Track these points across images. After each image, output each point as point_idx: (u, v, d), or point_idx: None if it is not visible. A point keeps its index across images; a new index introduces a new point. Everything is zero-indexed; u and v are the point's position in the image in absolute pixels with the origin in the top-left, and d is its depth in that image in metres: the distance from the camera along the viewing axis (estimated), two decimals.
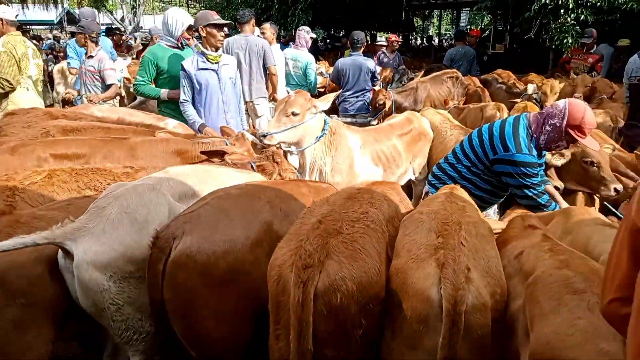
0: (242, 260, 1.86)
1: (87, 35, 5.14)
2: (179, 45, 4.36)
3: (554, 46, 8.01)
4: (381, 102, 6.20)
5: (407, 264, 1.65)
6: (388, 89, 6.71)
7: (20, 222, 2.03)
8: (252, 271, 1.89)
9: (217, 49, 3.98)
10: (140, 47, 9.96)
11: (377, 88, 6.56)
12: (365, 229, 1.78)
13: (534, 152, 2.92)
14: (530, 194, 2.92)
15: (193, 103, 4.06)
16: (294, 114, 3.36)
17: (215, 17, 3.97)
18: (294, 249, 1.60)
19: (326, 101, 3.49)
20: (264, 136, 3.28)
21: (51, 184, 2.58)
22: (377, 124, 6.29)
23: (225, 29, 4.06)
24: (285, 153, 3.31)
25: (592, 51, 7.81)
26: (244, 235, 1.90)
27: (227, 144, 3.35)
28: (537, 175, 2.92)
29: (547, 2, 7.49)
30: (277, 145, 3.28)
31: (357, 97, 6.32)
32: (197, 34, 4.12)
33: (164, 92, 4.28)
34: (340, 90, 6.12)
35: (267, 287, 1.64)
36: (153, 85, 4.31)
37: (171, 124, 4.00)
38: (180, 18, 4.29)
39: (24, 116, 3.65)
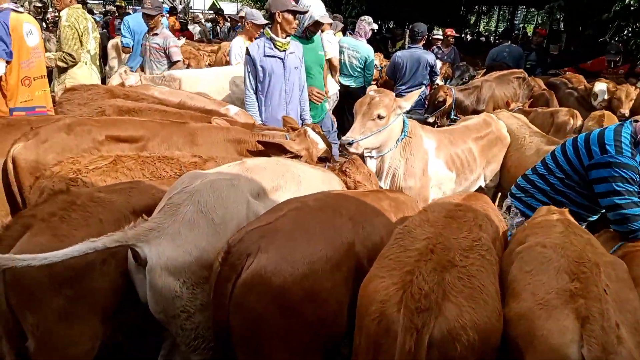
0: (320, 286, 1.62)
1: (158, 14, 5.03)
2: (305, 35, 4.17)
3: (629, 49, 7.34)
4: (441, 99, 5.81)
5: (534, 310, 1.43)
6: (449, 86, 6.27)
7: (76, 204, 1.86)
8: (329, 299, 1.65)
9: (287, 35, 3.72)
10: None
11: (438, 83, 6.13)
12: (481, 260, 1.57)
13: (638, 159, 2.53)
14: (620, 202, 2.48)
15: (255, 91, 3.83)
16: (379, 116, 3.02)
17: (293, 4, 3.71)
18: (402, 284, 1.38)
19: (410, 100, 3.18)
20: (350, 144, 2.95)
21: (115, 170, 2.41)
22: (434, 122, 5.96)
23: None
24: (363, 158, 3.01)
25: None
26: (325, 256, 1.65)
27: (287, 139, 3.10)
28: (636, 184, 2.51)
29: (631, 2, 6.82)
30: (361, 153, 2.99)
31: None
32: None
33: None
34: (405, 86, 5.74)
35: (350, 318, 1.52)
36: None
37: (232, 110, 3.79)
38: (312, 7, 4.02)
39: (85, 93, 3.53)
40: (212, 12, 17.58)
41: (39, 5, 9.79)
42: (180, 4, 18.01)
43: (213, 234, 1.78)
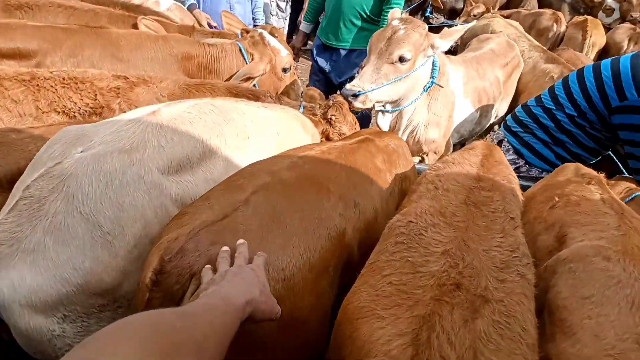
0: (299, 306, 1.15)
1: None
2: None
3: None
4: None
5: None
6: None
7: None
8: (310, 319, 1.19)
9: None
10: None
11: None
12: (521, 283, 1.09)
13: None
14: None
15: None
16: (402, 59, 2.12)
17: None
18: (413, 340, 0.90)
19: (450, 38, 2.23)
20: (355, 96, 2.10)
21: None
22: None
23: None
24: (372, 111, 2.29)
25: None
26: (307, 264, 1.17)
27: (241, 51, 2.24)
28: None
29: None
30: (371, 108, 2.20)
31: None
32: None
33: None
34: None
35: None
36: None
37: (164, 3, 2.83)
38: None
39: None
40: None
41: None
42: None
43: (102, 247, 1.14)
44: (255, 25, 2.83)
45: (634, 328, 1.03)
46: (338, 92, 2.24)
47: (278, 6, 5.18)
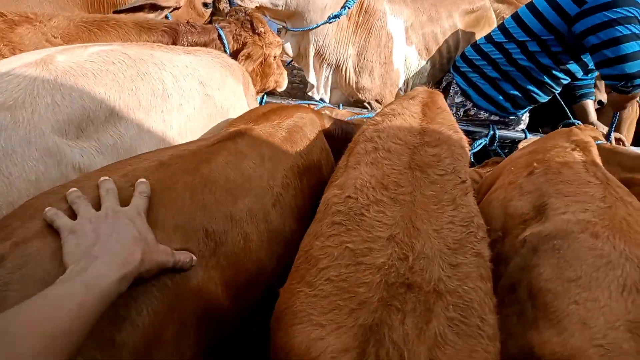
0: None
1: None
2: None
3: None
4: None
5: (590, 355, 0.89)
6: None
7: None
8: None
9: None
10: None
11: None
12: (476, 263, 0.95)
13: None
14: (627, 50, 2.10)
15: None
16: None
17: None
18: (356, 352, 0.76)
19: None
20: None
21: None
22: None
23: None
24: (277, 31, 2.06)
25: None
26: None
27: None
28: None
29: None
30: (253, 9, 1.99)
31: None
32: None
33: None
34: None
35: None
36: None
37: None
38: None
39: None
40: None
41: None
42: None
43: None
44: None
45: (626, 314, 0.92)
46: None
47: None
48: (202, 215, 0.95)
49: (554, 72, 2.42)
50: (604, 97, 2.90)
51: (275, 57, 2.04)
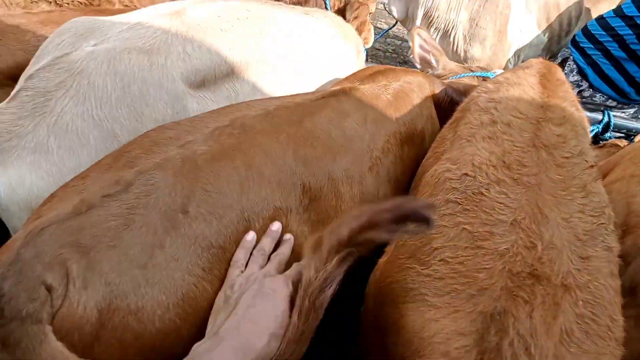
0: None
1: None
2: None
3: None
4: None
5: None
6: None
7: None
8: None
9: None
10: None
11: None
12: (607, 259, 0.87)
13: None
14: None
15: None
16: None
17: None
18: (476, 337, 0.74)
19: None
20: None
21: None
22: None
23: None
24: None
25: None
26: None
27: None
28: None
29: None
30: None
31: None
32: None
33: None
34: None
35: None
36: None
37: None
38: None
39: None
40: None
41: None
42: None
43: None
44: None
45: None
46: None
47: None
48: (302, 170, 0.99)
49: None
50: None
51: (370, 13, 2.02)
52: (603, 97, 2.35)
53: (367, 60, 2.24)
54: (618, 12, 2.27)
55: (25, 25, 1.30)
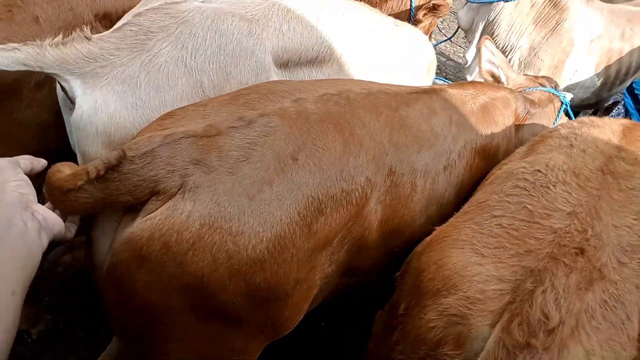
0: (283, 279, 0.90)
1: None
2: None
3: None
4: None
5: None
6: None
7: None
8: (292, 295, 0.95)
9: None
10: None
11: None
12: (637, 275, 0.98)
13: None
14: None
15: None
16: None
17: None
18: (513, 284, 0.86)
19: None
20: None
21: None
22: None
23: None
24: None
25: None
26: (307, 229, 0.91)
27: None
28: None
29: None
30: None
31: None
32: None
33: None
34: None
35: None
36: None
37: None
38: None
39: None
40: None
41: None
42: None
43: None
44: None
45: None
46: None
47: None
48: (393, 153, 1.09)
49: None
50: None
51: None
52: None
53: None
54: None
55: None
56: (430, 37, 2.17)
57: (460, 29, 2.47)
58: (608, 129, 1.34)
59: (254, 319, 0.91)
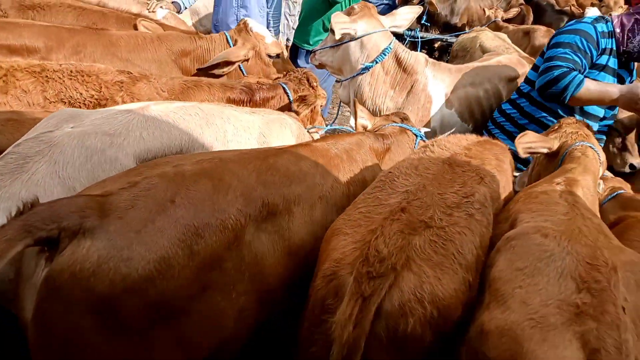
0: (176, 294, 1.13)
1: None
2: None
3: None
4: (415, 1, 5.24)
5: (523, 327, 1.10)
6: None
7: None
8: (190, 310, 1.17)
9: None
10: None
11: None
12: (467, 220, 1.38)
13: (600, 40, 2.41)
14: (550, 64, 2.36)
15: None
16: (331, 31, 2.70)
17: None
18: (361, 243, 1.26)
19: (394, 18, 2.86)
20: (313, 52, 2.93)
21: (5, 91, 1.88)
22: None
23: None
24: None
25: None
26: (188, 250, 1.15)
27: (228, 41, 2.69)
28: (578, 53, 2.37)
29: None
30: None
31: None
32: None
33: None
34: None
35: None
36: None
37: (160, 13, 3.14)
38: None
39: None
40: None
41: None
42: None
43: None
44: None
45: (558, 295, 1.13)
46: None
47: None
48: (262, 189, 1.39)
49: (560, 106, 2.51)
50: (636, 160, 2.81)
51: (322, 106, 2.62)
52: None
53: None
54: (507, 100, 2.82)
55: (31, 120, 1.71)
56: (315, 122, 2.61)
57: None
58: (465, 139, 1.81)
59: (162, 333, 1.12)
